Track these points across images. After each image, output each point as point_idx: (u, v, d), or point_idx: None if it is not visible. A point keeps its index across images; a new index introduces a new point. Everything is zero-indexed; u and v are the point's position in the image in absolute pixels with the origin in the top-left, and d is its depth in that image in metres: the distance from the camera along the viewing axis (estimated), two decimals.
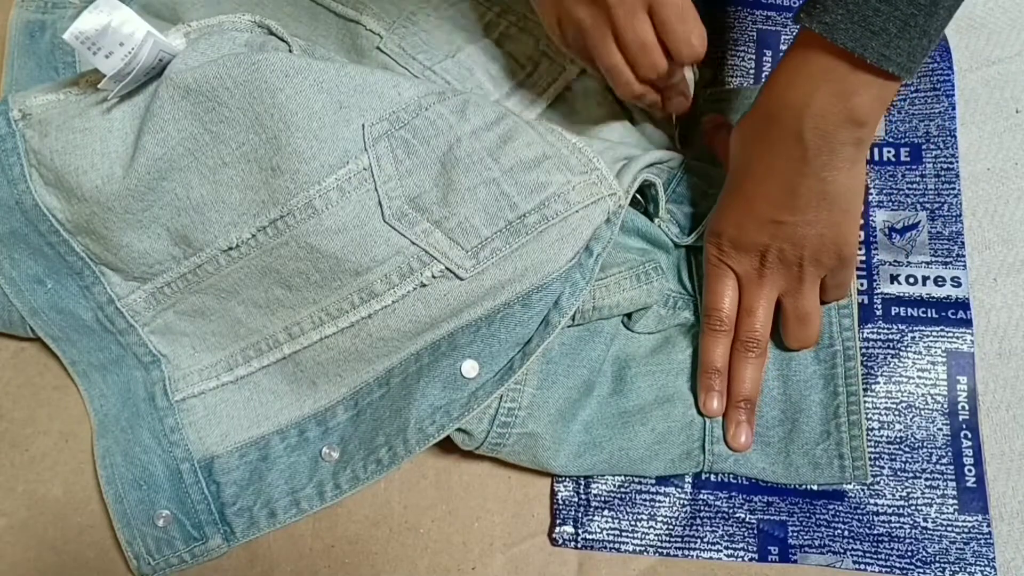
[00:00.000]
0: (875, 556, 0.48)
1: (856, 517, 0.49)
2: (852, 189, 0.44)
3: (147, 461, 0.49)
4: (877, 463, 0.50)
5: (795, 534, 0.49)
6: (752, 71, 0.57)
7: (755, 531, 0.49)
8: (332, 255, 0.45)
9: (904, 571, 0.48)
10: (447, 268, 0.44)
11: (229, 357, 0.50)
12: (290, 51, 0.46)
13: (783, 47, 0.58)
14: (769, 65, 0.57)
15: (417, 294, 0.45)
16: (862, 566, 0.48)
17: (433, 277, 0.45)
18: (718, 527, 0.49)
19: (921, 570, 0.48)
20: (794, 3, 0.58)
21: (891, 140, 0.55)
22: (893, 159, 0.55)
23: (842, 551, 0.48)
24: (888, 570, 0.48)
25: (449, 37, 0.54)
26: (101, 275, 0.49)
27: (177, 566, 0.48)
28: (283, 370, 0.49)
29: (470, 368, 0.45)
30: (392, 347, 0.47)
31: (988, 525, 0.48)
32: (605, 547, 0.49)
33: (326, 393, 0.49)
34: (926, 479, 0.49)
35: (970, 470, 0.49)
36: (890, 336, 0.51)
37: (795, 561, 0.48)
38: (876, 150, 0.55)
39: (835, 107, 0.41)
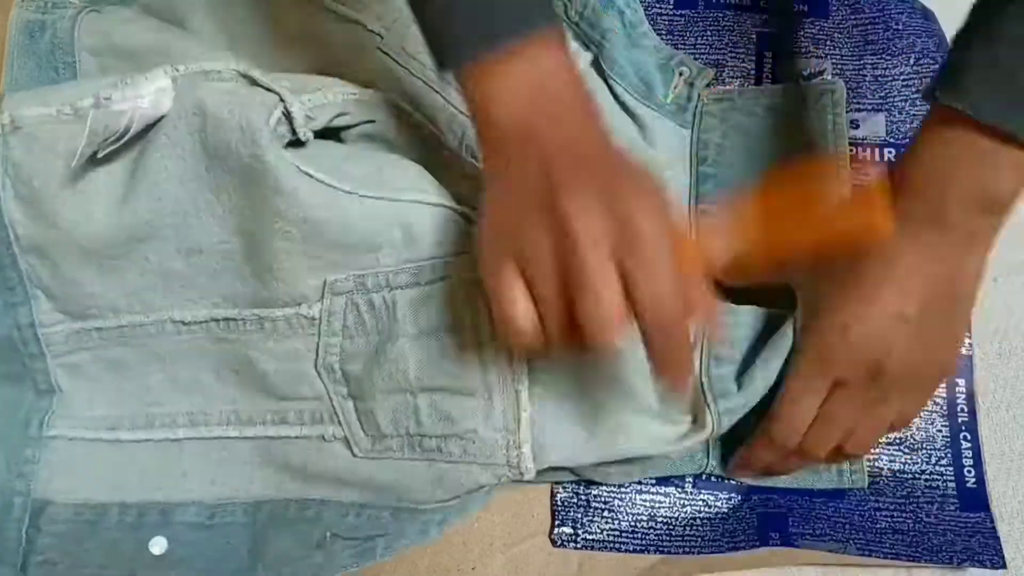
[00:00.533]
0: (879, 544, 0.47)
1: (858, 512, 0.48)
2: (976, 286, 0.41)
3: None
4: (877, 464, 0.49)
5: (796, 524, 0.48)
6: (753, 72, 0.58)
7: (755, 525, 0.48)
8: (264, 373, 0.46)
9: (910, 558, 0.47)
10: (346, 438, 0.46)
11: (119, 418, 0.49)
12: (292, 128, 0.43)
13: (784, 48, 0.58)
14: (769, 65, 0.58)
15: (316, 443, 0.46)
16: (866, 553, 0.47)
17: (334, 437, 0.46)
18: (718, 527, 0.49)
19: (927, 557, 0.47)
20: (797, 6, 0.58)
21: (891, 140, 0.55)
22: (893, 160, 0.55)
23: (844, 539, 0.48)
24: (894, 557, 0.47)
25: None
26: (33, 298, 0.47)
27: None
28: (165, 452, 0.48)
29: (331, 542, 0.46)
30: (279, 480, 0.47)
31: (991, 521, 0.48)
32: (605, 547, 0.48)
33: (188, 491, 0.48)
34: (926, 480, 0.49)
35: (970, 471, 0.49)
36: None
37: (797, 545, 0.47)
38: (876, 150, 0.55)
39: (977, 187, 0.38)
